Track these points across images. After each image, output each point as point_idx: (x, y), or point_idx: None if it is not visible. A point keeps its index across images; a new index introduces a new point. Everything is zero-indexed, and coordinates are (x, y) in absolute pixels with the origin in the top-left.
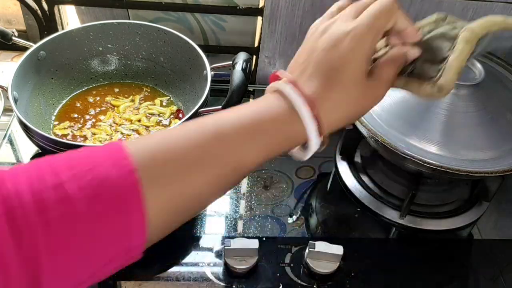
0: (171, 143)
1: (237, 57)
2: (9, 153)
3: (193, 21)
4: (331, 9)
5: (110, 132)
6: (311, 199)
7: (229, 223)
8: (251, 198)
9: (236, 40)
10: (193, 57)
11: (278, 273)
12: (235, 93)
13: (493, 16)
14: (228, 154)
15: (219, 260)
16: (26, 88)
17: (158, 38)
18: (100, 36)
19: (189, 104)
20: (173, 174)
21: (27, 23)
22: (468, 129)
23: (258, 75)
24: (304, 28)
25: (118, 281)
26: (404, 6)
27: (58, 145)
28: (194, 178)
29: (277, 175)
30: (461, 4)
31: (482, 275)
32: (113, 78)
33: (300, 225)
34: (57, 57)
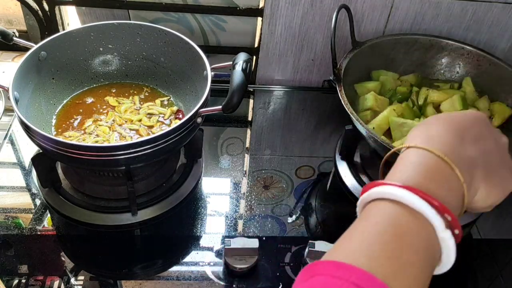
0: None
1: (237, 58)
2: (10, 153)
3: (194, 21)
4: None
5: (110, 132)
6: (311, 199)
7: (229, 222)
8: (251, 198)
9: (236, 40)
10: (193, 58)
11: (278, 273)
12: (235, 93)
13: None
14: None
15: (219, 259)
16: (27, 88)
17: (158, 38)
18: (100, 36)
19: (189, 104)
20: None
21: (28, 24)
22: None
23: (258, 75)
24: (304, 28)
25: (119, 280)
26: (404, 7)
27: (59, 145)
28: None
29: (277, 175)
30: (460, 5)
31: (481, 274)
32: (113, 78)
33: (300, 225)
34: (58, 57)
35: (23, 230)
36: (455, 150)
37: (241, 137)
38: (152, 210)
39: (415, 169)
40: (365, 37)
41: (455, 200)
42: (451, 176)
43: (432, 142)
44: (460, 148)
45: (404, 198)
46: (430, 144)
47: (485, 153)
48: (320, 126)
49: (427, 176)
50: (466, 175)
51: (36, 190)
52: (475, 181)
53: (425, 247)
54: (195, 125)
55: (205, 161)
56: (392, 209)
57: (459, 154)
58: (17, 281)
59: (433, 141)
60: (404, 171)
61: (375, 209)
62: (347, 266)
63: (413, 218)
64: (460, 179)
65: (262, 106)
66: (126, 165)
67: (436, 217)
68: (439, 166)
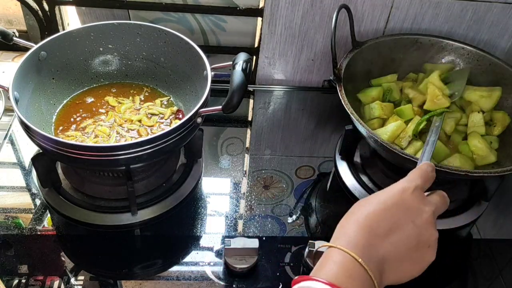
0: None
1: (237, 58)
2: (10, 153)
3: (194, 21)
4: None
5: (110, 132)
6: (311, 198)
7: (229, 222)
8: (251, 198)
9: (236, 40)
10: (193, 58)
11: (278, 273)
12: (235, 93)
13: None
14: None
15: (219, 259)
16: (27, 88)
17: (158, 38)
18: (100, 36)
19: (190, 104)
20: None
21: (28, 24)
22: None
23: (258, 75)
24: (303, 28)
25: (119, 280)
26: (404, 7)
27: (59, 145)
28: None
29: (277, 175)
30: (460, 5)
31: (481, 274)
32: (113, 78)
33: (299, 225)
34: (58, 57)
35: (23, 230)
36: (367, 252)
37: (241, 137)
38: (152, 210)
39: (336, 267)
40: (365, 37)
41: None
42: (364, 274)
43: (351, 244)
44: (373, 250)
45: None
46: (350, 246)
47: (397, 245)
48: (320, 126)
49: (345, 274)
50: (376, 272)
51: (36, 190)
52: (385, 274)
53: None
54: (195, 125)
55: (205, 161)
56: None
57: (370, 254)
58: (17, 281)
59: (352, 244)
60: (329, 269)
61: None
62: None
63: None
64: (372, 277)
65: (262, 106)
66: (126, 165)
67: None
68: (354, 266)
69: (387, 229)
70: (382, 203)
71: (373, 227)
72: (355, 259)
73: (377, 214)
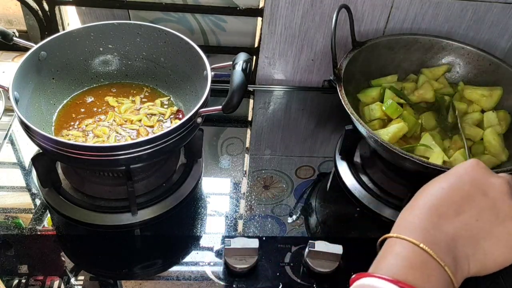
0: None
1: (237, 58)
2: (10, 153)
3: (194, 21)
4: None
5: (110, 132)
6: (311, 199)
7: (229, 222)
8: (251, 198)
9: (236, 40)
10: (194, 58)
11: (278, 273)
12: (235, 94)
13: None
14: None
15: (219, 259)
16: (27, 88)
17: (158, 38)
18: (100, 36)
19: (190, 104)
20: None
21: (28, 24)
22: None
23: (258, 75)
24: (304, 28)
25: (119, 280)
26: (404, 7)
27: (59, 145)
28: None
29: (277, 175)
30: (460, 5)
31: None
32: (113, 78)
33: (299, 225)
34: (58, 57)
35: (23, 230)
36: (431, 235)
37: (241, 137)
38: (152, 210)
39: (396, 259)
40: (365, 37)
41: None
42: (431, 261)
43: (412, 231)
44: (437, 231)
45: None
46: (410, 233)
47: (468, 221)
48: (320, 126)
49: (410, 267)
50: (446, 257)
51: (36, 190)
52: (462, 260)
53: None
54: (195, 125)
55: (205, 161)
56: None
57: (436, 238)
58: (17, 281)
59: (412, 230)
60: (388, 262)
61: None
62: None
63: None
64: (440, 263)
65: (262, 106)
66: (126, 165)
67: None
68: (419, 255)
69: (455, 207)
70: (445, 181)
71: (437, 207)
72: (415, 245)
73: (441, 193)
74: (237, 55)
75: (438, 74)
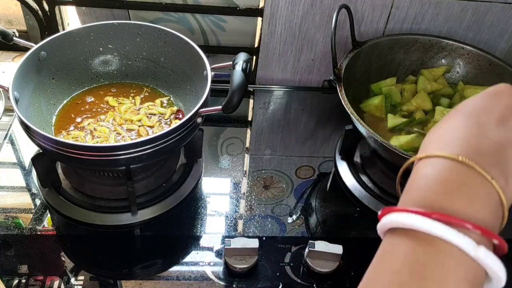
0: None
1: (237, 58)
2: (10, 153)
3: (194, 21)
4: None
5: (110, 132)
6: (311, 199)
7: (229, 222)
8: (251, 198)
9: (236, 40)
10: (194, 58)
11: (278, 273)
12: (235, 94)
13: None
14: None
15: (219, 259)
16: (27, 88)
17: (158, 38)
18: (100, 36)
19: (190, 104)
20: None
21: (28, 24)
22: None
23: (258, 75)
24: (304, 28)
25: (119, 280)
26: (404, 7)
27: (59, 145)
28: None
29: (277, 175)
30: (460, 5)
31: None
32: (113, 78)
33: (299, 225)
34: (58, 57)
35: (23, 230)
36: (472, 144)
37: (241, 137)
38: (152, 210)
39: (428, 184)
40: (365, 37)
41: (484, 205)
42: (474, 177)
43: (445, 145)
44: (479, 139)
45: (416, 225)
46: (444, 148)
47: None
48: (320, 126)
49: (443, 190)
50: (494, 169)
51: (36, 190)
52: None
53: (454, 276)
54: (195, 125)
55: (205, 161)
56: (406, 240)
57: (479, 147)
58: (17, 281)
59: (447, 144)
60: (417, 189)
61: (390, 242)
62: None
63: (431, 247)
64: (486, 177)
65: (262, 106)
66: (126, 165)
67: (458, 236)
68: (456, 172)
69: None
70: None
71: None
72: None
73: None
74: (237, 55)
75: (438, 74)
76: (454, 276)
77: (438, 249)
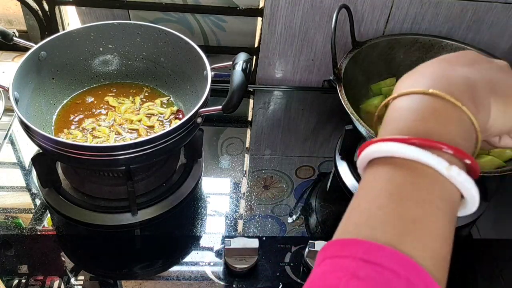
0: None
1: (237, 58)
2: (10, 153)
3: (194, 21)
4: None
5: (110, 132)
6: (311, 198)
7: (229, 222)
8: (251, 198)
9: (236, 40)
10: (194, 58)
11: (278, 273)
12: (235, 94)
13: None
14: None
15: (219, 259)
16: (27, 88)
17: (158, 38)
18: (100, 36)
19: (190, 104)
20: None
21: (28, 24)
22: None
23: (258, 75)
24: (304, 28)
25: (119, 280)
26: (404, 7)
27: (59, 145)
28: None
29: (277, 175)
30: (460, 5)
31: (481, 274)
32: (113, 78)
33: (300, 225)
34: (58, 57)
35: (23, 230)
36: (442, 78)
37: (241, 137)
38: (152, 210)
39: (402, 114)
40: (365, 37)
41: (457, 129)
42: (445, 105)
43: (416, 82)
44: (449, 73)
45: (393, 151)
46: (415, 85)
47: (483, 70)
48: (320, 126)
49: (416, 117)
50: (464, 98)
51: (36, 190)
52: (480, 98)
53: (430, 195)
54: (195, 125)
55: (205, 161)
56: (385, 167)
57: (449, 80)
58: (17, 281)
59: (418, 81)
60: (392, 121)
61: (369, 173)
62: (352, 242)
63: (407, 170)
64: (456, 103)
65: (262, 106)
66: (126, 165)
67: (431, 157)
68: (428, 102)
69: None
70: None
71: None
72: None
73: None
74: (237, 55)
75: None
76: (430, 195)
77: (414, 172)
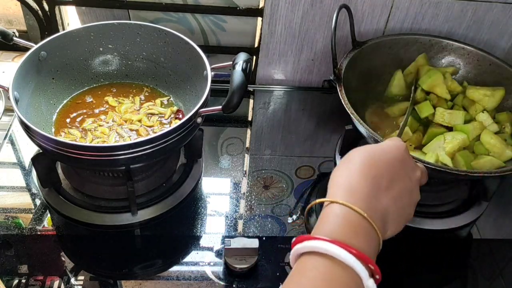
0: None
1: (237, 58)
2: (10, 153)
3: (194, 21)
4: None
5: (110, 132)
6: (311, 199)
7: (229, 222)
8: (251, 198)
9: (236, 40)
10: (194, 58)
11: (278, 273)
12: (235, 94)
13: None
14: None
15: (219, 259)
16: (27, 88)
17: (158, 38)
18: (100, 36)
19: (190, 104)
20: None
21: (28, 24)
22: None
23: (258, 75)
24: (304, 28)
25: (119, 280)
26: (404, 7)
27: (59, 145)
28: None
29: (277, 175)
30: (460, 5)
31: (481, 274)
32: (113, 78)
33: (299, 225)
34: (58, 57)
35: (23, 230)
36: (372, 204)
37: (241, 137)
38: (152, 210)
39: (340, 224)
40: (365, 37)
41: (373, 248)
42: (370, 229)
43: (352, 197)
44: (376, 201)
45: (334, 252)
46: (351, 199)
47: (397, 198)
48: (320, 126)
49: (351, 231)
50: (380, 225)
51: (36, 190)
52: (387, 226)
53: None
54: (195, 125)
55: (205, 161)
56: (324, 263)
57: (375, 208)
58: (17, 281)
59: (354, 196)
60: (331, 226)
61: (308, 264)
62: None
63: (343, 271)
64: (377, 232)
65: (262, 106)
66: (126, 165)
67: (362, 268)
68: (360, 222)
69: (389, 181)
70: (382, 154)
71: (377, 178)
72: (360, 214)
73: (380, 164)
74: (237, 55)
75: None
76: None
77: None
